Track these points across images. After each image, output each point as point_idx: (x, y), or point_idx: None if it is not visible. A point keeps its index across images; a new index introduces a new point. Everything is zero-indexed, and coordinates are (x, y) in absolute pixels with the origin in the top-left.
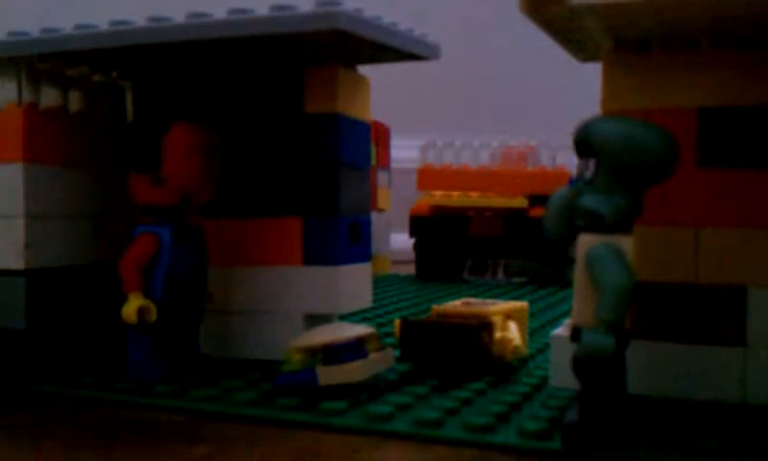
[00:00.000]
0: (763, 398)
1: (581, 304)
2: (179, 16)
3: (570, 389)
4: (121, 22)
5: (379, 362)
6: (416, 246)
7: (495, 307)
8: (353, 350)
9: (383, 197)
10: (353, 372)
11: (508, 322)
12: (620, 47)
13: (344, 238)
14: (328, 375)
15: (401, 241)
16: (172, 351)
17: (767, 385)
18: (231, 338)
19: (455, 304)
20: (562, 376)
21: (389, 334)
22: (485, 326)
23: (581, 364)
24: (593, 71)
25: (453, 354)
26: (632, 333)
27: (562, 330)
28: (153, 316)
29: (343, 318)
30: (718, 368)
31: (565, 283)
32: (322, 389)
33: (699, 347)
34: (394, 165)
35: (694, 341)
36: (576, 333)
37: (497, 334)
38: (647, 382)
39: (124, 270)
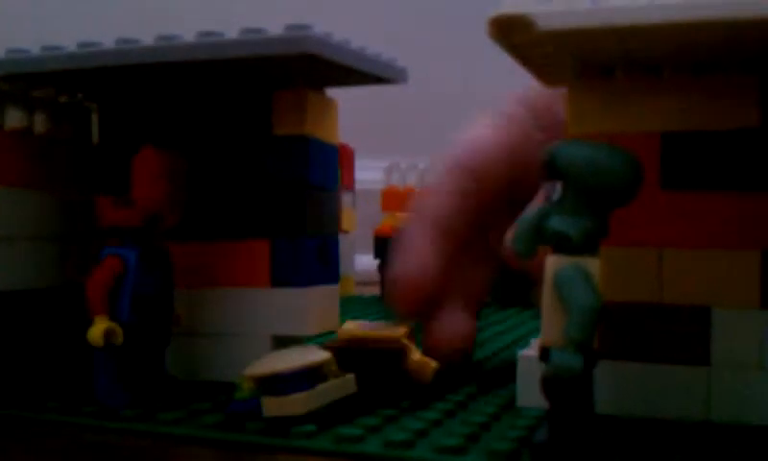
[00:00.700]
0: (726, 416)
1: (549, 325)
2: (146, 38)
3: (538, 408)
4: (88, 44)
5: (335, 390)
6: (380, 267)
7: (398, 330)
8: (299, 381)
9: (347, 218)
10: (297, 404)
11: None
12: (585, 72)
13: (312, 260)
14: (272, 406)
15: (365, 262)
16: (139, 374)
17: (730, 404)
18: (198, 360)
19: (354, 326)
20: (529, 396)
21: None
22: (402, 350)
23: (550, 383)
24: None
25: (377, 380)
26: (599, 353)
27: (529, 350)
28: (119, 339)
29: (309, 340)
30: (683, 387)
31: (528, 304)
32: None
33: (664, 366)
34: (358, 186)
35: (659, 360)
36: (545, 353)
37: (415, 356)
38: (613, 402)
39: (90, 292)
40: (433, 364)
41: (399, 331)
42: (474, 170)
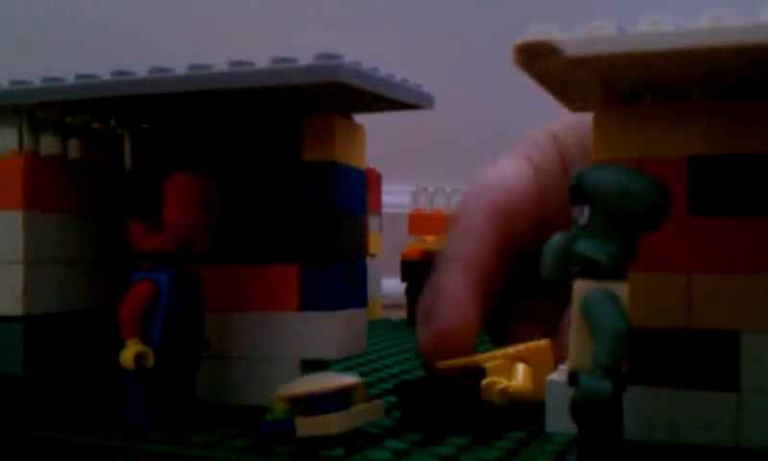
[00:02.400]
0: (756, 442)
1: (578, 349)
2: (179, 67)
3: (566, 434)
4: (122, 72)
5: (364, 414)
6: (407, 290)
7: (499, 352)
8: (334, 401)
9: (374, 242)
10: (331, 424)
11: (515, 364)
12: (612, 97)
13: (340, 283)
14: (306, 426)
15: (392, 285)
16: (169, 397)
17: (760, 429)
18: (227, 384)
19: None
20: (558, 421)
21: (382, 380)
22: (467, 374)
23: (579, 409)
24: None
25: (437, 407)
26: (628, 378)
27: (557, 375)
28: (150, 362)
29: (337, 364)
30: (712, 413)
31: None
32: (302, 439)
33: (693, 391)
34: (384, 210)
35: (688, 386)
36: (573, 378)
37: (485, 380)
38: (642, 427)
39: (122, 316)
40: (500, 384)
41: (501, 352)
42: (507, 214)
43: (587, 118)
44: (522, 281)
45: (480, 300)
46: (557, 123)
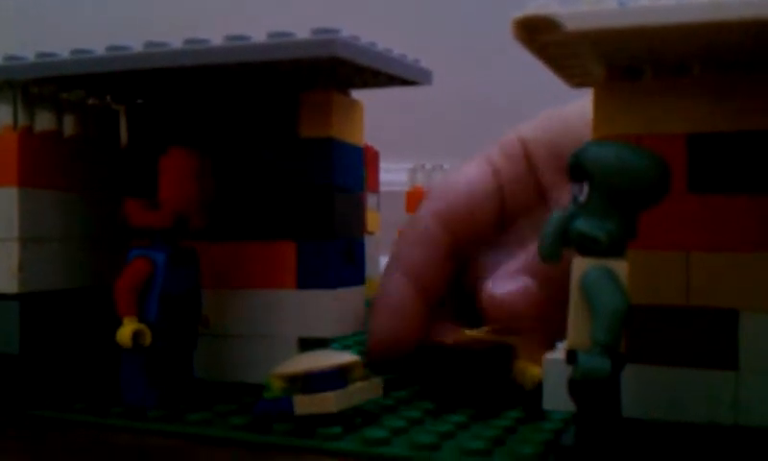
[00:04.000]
0: (755, 420)
1: (576, 327)
2: (175, 42)
3: (563, 412)
4: (118, 47)
5: (362, 392)
6: None
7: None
8: (331, 379)
9: (372, 220)
10: (329, 402)
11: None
12: (612, 73)
13: (338, 261)
14: (304, 404)
15: None
16: (166, 375)
17: (759, 407)
18: (224, 362)
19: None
20: (555, 399)
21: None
22: (497, 350)
23: (577, 387)
24: (583, 97)
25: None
26: (626, 356)
27: (555, 353)
28: (147, 340)
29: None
30: (710, 391)
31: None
32: (300, 417)
33: (691, 370)
34: (382, 188)
35: (686, 364)
36: (571, 356)
37: (519, 363)
38: (640, 405)
39: (118, 293)
40: (537, 372)
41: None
42: (454, 218)
43: (557, 119)
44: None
45: (420, 303)
46: (527, 125)
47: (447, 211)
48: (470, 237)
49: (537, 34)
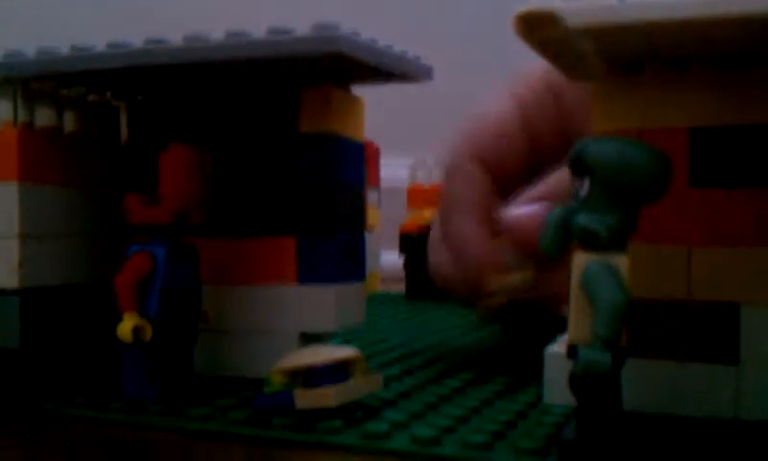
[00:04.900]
0: (756, 414)
1: (577, 322)
2: (175, 38)
3: (564, 406)
4: (118, 44)
5: (362, 387)
6: (405, 264)
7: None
8: (332, 374)
9: (372, 215)
10: (329, 396)
11: None
12: (612, 68)
13: (339, 256)
14: (305, 398)
15: (391, 259)
16: (167, 370)
17: (760, 402)
18: (225, 357)
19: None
20: (556, 393)
21: (379, 352)
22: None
23: (578, 381)
24: None
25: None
26: (627, 350)
27: (556, 347)
28: (148, 335)
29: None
30: (711, 385)
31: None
32: (300, 411)
33: (692, 364)
34: (383, 184)
35: (688, 358)
36: (572, 350)
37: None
38: (642, 399)
39: (119, 289)
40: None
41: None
42: (489, 156)
43: None
44: None
45: (488, 234)
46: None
47: (483, 149)
48: (511, 167)
49: (538, 29)
